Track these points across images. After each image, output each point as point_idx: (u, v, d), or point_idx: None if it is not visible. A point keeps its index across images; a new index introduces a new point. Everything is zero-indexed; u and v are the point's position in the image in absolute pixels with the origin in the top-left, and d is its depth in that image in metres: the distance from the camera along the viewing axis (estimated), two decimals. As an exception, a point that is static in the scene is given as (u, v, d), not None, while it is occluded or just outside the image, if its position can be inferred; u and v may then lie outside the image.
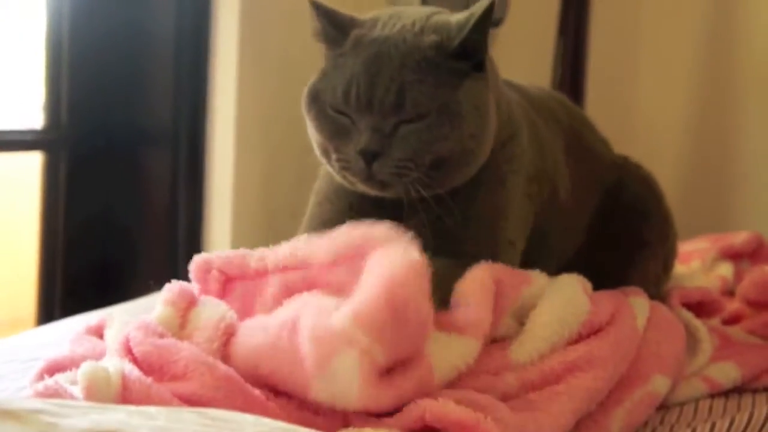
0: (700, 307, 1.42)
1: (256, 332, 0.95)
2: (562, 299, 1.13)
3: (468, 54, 1.12)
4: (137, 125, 2.19)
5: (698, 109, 2.59)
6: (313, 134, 1.17)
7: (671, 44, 2.62)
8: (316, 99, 1.14)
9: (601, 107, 2.47)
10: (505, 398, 1.01)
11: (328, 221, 1.19)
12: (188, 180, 2.19)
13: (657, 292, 1.42)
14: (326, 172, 1.24)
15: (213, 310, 1.01)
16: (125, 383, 0.89)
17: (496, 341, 1.09)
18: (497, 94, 1.19)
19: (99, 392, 0.88)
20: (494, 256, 1.15)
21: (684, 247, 1.89)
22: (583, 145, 1.42)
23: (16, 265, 2.12)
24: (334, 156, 1.13)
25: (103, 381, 0.88)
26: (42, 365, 1.05)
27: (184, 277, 1.10)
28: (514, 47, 2.66)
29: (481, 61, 1.14)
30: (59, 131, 2.05)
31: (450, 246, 1.14)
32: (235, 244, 2.13)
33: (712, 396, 1.24)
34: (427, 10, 1.18)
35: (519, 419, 0.95)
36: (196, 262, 1.09)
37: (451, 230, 1.16)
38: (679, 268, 1.71)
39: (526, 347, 1.07)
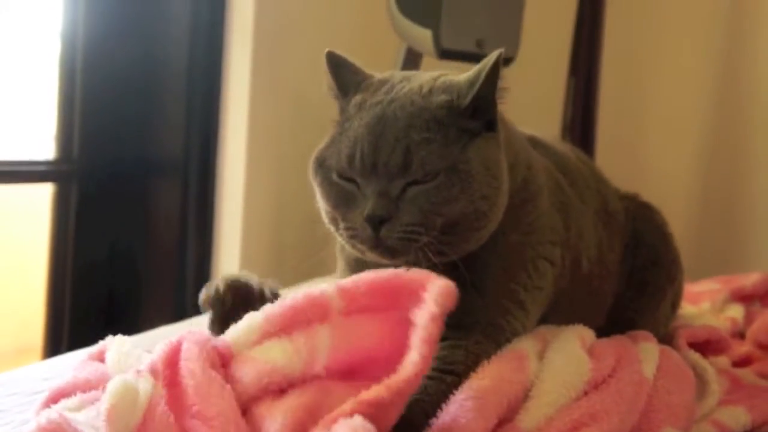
0: (707, 346, 1.41)
1: None
2: (562, 361, 1.12)
3: (479, 112, 1.09)
4: (148, 158, 2.19)
5: (708, 151, 2.58)
6: (320, 202, 1.13)
7: (682, 84, 2.62)
8: (321, 165, 1.11)
9: (611, 147, 2.47)
10: None
11: None
12: (198, 213, 2.19)
13: (665, 331, 1.43)
14: None
15: (276, 355, 0.97)
16: (148, 413, 0.90)
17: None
18: (512, 155, 1.16)
19: (120, 416, 0.88)
20: (503, 321, 1.14)
21: (694, 288, 1.88)
22: (608, 210, 1.40)
23: (25, 294, 2.13)
24: (341, 224, 1.09)
25: (129, 405, 0.89)
26: (46, 395, 1.05)
27: (192, 309, 1.10)
28: (525, 87, 2.66)
29: (492, 119, 1.12)
30: (70, 163, 2.06)
31: (460, 312, 1.11)
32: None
33: (722, 441, 1.22)
34: (435, 73, 1.16)
35: None
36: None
37: (463, 297, 1.12)
38: (689, 309, 1.70)
39: (534, 414, 1.05)
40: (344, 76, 1.15)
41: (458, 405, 0.99)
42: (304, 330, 0.98)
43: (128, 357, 1.03)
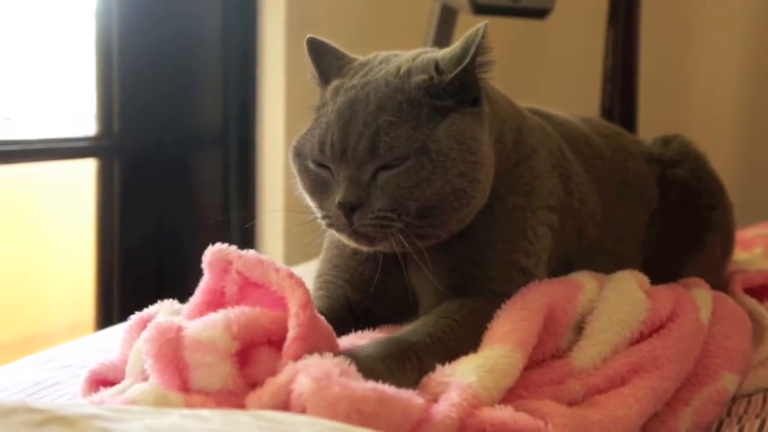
0: (763, 290, 1.38)
1: None
2: (619, 299, 1.10)
3: (462, 88, 1.05)
4: (188, 130, 2.20)
5: (753, 93, 2.54)
6: (301, 191, 1.11)
7: (724, 27, 2.57)
8: (299, 154, 1.09)
9: (654, 96, 2.43)
10: (571, 405, 0.98)
11: (339, 266, 1.16)
12: (239, 183, 2.20)
13: (719, 278, 1.39)
14: None
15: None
16: None
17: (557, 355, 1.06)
18: (498, 125, 1.12)
19: None
20: (507, 289, 1.09)
21: (745, 234, 1.85)
22: (626, 179, 1.35)
23: (74, 270, 2.15)
24: (319, 212, 1.07)
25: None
26: (86, 375, 1.04)
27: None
28: (564, 38, 2.63)
29: (476, 95, 1.07)
30: (111, 138, 2.07)
31: (459, 283, 1.09)
32: (288, 246, 2.13)
33: (781, 385, 1.20)
34: (414, 52, 1.12)
35: (582, 423, 0.92)
36: (214, 253, 0.98)
37: (458, 268, 1.09)
38: (742, 255, 1.67)
39: (588, 352, 1.04)
40: (326, 61, 1.12)
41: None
42: None
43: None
